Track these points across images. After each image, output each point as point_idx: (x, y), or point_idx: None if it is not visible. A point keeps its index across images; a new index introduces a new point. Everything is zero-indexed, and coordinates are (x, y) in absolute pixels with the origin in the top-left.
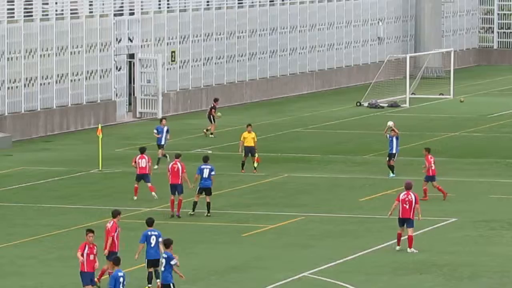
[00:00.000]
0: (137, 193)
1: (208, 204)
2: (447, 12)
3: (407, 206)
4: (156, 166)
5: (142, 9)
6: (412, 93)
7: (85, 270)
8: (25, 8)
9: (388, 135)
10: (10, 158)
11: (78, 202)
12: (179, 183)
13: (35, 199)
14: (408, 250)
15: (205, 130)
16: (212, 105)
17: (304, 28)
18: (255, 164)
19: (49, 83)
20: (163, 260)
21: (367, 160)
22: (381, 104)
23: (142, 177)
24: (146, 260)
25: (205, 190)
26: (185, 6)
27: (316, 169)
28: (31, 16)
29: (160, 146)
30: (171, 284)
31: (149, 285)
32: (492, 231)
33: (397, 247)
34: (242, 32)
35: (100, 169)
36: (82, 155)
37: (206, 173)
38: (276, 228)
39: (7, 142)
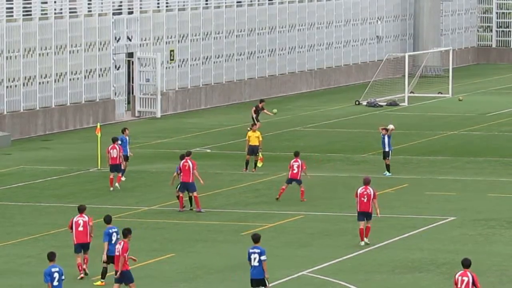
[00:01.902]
0: (112, 184)
1: (190, 198)
2: (446, 11)
3: (365, 200)
4: (123, 178)
5: (141, 8)
6: (411, 92)
7: (126, 269)
8: (24, 7)
9: (381, 134)
10: (9, 157)
11: (77, 201)
12: (190, 181)
13: (34, 198)
14: (365, 239)
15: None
16: (258, 106)
17: (302, 26)
18: (259, 164)
19: (48, 82)
20: (256, 256)
21: (366, 159)
22: (380, 103)
23: (114, 167)
24: (108, 255)
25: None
26: (184, 5)
27: (315, 167)
28: (30, 15)
29: (126, 158)
30: (265, 279)
31: (102, 280)
32: (491, 229)
33: (361, 243)
34: (241, 31)
35: (99, 168)
36: (81, 154)
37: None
38: (274, 226)
39: (6, 141)
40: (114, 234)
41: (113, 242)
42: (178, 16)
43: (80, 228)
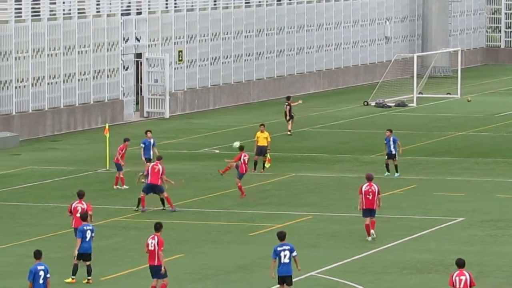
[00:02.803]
0: (116, 183)
1: (162, 200)
2: (454, 12)
3: (370, 197)
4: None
5: (149, 8)
6: (420, 93)
7: (155, 264)
8: (32, 8)
9: (386, 136)
10: (17, 157)
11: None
12: (158, 184)
13: (42, 198)
14: (372, 232)
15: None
16: (287, 103)
17: (311, 27)
18: (266, 164)
19: (56, 82)
20: (287, 253)
21: (374, 160)
22: (388, 104)
23: (116, 166)
24: (78, 253)
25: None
26: (192, 6)
27: (324, 168)
28: (39, 15)
29: (148, 160)
30: (292, 276)
31: (73, 277)
32: (499, 230)
33: (368, 238)
34: (249, 32)
35: (107, 168)
36: (89, 154)
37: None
38: (283, 227)
39: (15, 142)
40: (89, 232)
41: (87, 239)
42: (186, 16)
43: (79, 215)
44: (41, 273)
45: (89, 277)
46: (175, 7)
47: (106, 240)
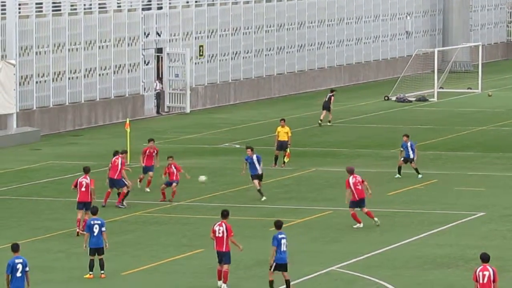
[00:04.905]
0: (141, 181)
1: (119, 194)
2: (475, 6)
3: (360, 187)
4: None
5: (170, 3)
6: (440, 87)
7: (223, 250)
8: (53, 3)
9: (403, 143)
10: (38, 152)
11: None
12: (116, 177)
13: (63, 193)
14: (375, 219)
15: (319, 121)
16: (332, 94)
17: (332, 22)
18: (285, 159)
19: (77, 77)
20: (285, 241)
21: (395, 155)
22: (409, 98)
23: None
24: (89, 248)
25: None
26: (213, 0)
27: (344, 163)
28: (60, 10)
29: (255, 177)
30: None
31: (91, 273)
32: None
33: (360, 225)
34: (270, 26)
35: (128, 163)
36: (110, 149)
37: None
38: (303, 222)
39: (36, 136)
40: (97, 226)
41: (95, 234)
42: (207, 11)
43: (83, 189)
44: (19, 266)
45: (102, 271)
46: (195, 2)
47: (127, 234)
